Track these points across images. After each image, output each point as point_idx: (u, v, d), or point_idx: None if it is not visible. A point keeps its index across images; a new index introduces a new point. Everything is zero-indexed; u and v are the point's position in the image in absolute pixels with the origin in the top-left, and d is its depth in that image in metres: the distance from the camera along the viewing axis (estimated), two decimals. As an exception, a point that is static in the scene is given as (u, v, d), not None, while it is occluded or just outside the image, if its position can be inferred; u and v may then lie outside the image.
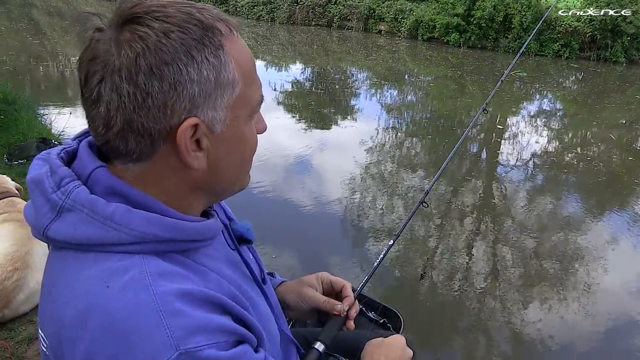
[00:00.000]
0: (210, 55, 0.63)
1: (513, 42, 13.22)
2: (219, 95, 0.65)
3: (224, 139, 0.68)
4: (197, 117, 0.64)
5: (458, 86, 10.09)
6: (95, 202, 0.63)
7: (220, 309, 0.65)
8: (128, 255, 0.63)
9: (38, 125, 5.00)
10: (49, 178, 0.65)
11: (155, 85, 0.60)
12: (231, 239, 0.84)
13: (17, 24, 14.22)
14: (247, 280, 0.81)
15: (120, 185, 0.65)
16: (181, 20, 0.62)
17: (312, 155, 5.70)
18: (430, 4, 14.55)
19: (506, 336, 2.99)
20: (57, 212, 0.63)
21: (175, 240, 0.66)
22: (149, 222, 0.63)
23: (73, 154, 0.71)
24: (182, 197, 0.70)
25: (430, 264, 3.70)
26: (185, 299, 0.60)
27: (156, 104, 0.61)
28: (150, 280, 0.60)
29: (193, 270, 0.67)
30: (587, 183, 5.53)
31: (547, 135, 7.31)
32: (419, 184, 5.15)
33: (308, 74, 10.91)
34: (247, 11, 18.18)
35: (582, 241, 4.10)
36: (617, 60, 12.37)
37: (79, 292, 0.61)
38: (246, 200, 4.37)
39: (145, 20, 0.61)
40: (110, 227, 0.62)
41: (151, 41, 0.60)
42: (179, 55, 0.60)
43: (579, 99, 9.77)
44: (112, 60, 0.60)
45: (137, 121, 0.61)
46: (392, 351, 1.02)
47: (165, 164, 0.66)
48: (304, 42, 14.74)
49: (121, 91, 0.59)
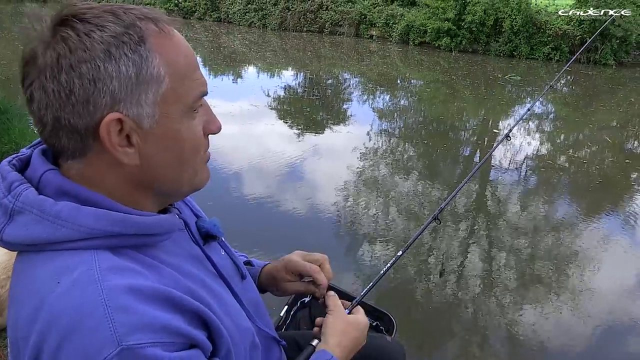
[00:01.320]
0: (129, 51, 0.64)
1: (504, 46, 13.32)
2: (142, 91, 0.65)
3: (155, 135, 0.68)
4: (119, 113, 0.64)
5: (450, 90, 10.14)
6: (43, 202, 0.64)
7: (171, 306, 0.64)
8: (79, 251, 0.63)
9: (30, 134, 4.96)
10: (0, 184, 0.67)
11: (76, 82, 0.62)
12: (195, 236, 0.83)
13: (8, 33, 14.16)
14: (212, 276, 0.80)
15: (67, 185, 0.67)
16: (102, 20, 0.64)
17: (305, 161, 5.70)
18: (421, 9, 14.63)
19: (501, 339, 2.99)
20: (9, 216, 0.65)
21: (126, 235, 0.66)
22: (96, 218, 0.64)
23: (27, 162, 0.72)
24: (127, 194, 0.70)
25: (423, 268, 3.71)
26: (133, 294, 0.60)
27: (79, 100, 0.62)
28: (99, 275, 0.60)
29: (146, 265, 0.67)
30: (581, 185, 5.56)
31: (539, 138, 7.35)
32: (413, 188, 5.16)
33: (300, 80, 10.93)
34: (239, 18, 18.21)
35: (578, 243, 4.13)
36: (606, 63, 12.49)
37: (31, 291, 0.62)
38: (241, 206, 4.37)
39: (70, 22, 0.63)
40: (59, 224, 0.63)
41: (71, 41, 0.62)
42: (97, 53, 0.62)
43: (571, 102, 9.84)
44: (39, 62, 0.63)
45: (64, 118, 0.63)
46: (351, 331, 1.00)
47: (101, 161, 0.67)
48: (296, 48, 14.77)
49: (47, 90, 0.62)
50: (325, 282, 1.08)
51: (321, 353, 0.94)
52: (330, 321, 1.01)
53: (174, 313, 0.64)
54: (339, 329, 0.99)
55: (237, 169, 5.19)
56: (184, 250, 0.78)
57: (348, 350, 0.98)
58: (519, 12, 12.91)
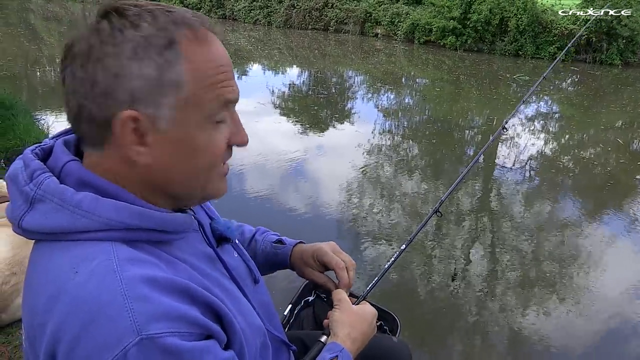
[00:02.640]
0: (156, 54, 0.65)
1: (509, 45, 13.28)
2: (162, 94, 0.66)
3: (170, 138, 0.68)
4: (136, 111, 0.65)
5: (455, 89, 10.12)
6: (63, 191, 0.65)
7: (188, 298, 0.64)
8: (97, 242, 0.64)
9: (35, 130, 4.99)
10: (23, 172, 0.68)
11: (100, 73, 0.64)
12: (209, 237, 0.83)
13: (14, 29, 14.21)
14: (224, 277, 0.80)
15: (89, 176, 0.68)
16: (139, 19, 0.65)
17: (311, 159, 5.71)
18: (427, 8, 14.61)
19: (504, 338, 2.98)
20: (30, 203, 0.66)
21: (143, 229, 0.67)
22: (117, 209, 0.65)
23: (50, 152, 0.73)
24: (140, 191, 0.71)
25: (427, 267, 3.71)
26: (151, 284, 0.61)
27: (101, 91, 0.64)
28: (118, 266, 0.61)
29: (162, 259, 0.68)
30: (586, 185, 5.54)
31: (544, 138, 7.33)
32: (417, 187, 5.15)
33: (306, 78, 10.93)
34: (244, 15, 18.21)
35: (583, 244, 4.11)
36: (612, 63, 12.43)
37: (49, 280, 0.63)
38: (245, 203, 4.38)
39: (110, 15, 0.65)
40: (78, 214, 0.64)
41: (104, 34, 0.64)
42: (124, 50, 0.64)
43: (577, 102, 9.80)
44: (75, 49, 0.66)
45: (86, 106, 0.65)
46: (359, 322, 1.00)
47: (116, 155, 0.68)
48: (302, 45, 14.76)
49: (76, 76, 0.65)
50: (346, 280, 1.09)
51: (332, 345, 0.94)
52: (337, 314, 1.00)
53: (190, 304, 0.64)
54: (347, 321, 0.99)
55: (242, 166, 5.19)
56: (197, 250, 0.78)
57: (359, 341, 0.98)
58: (525, 11, 12.87)
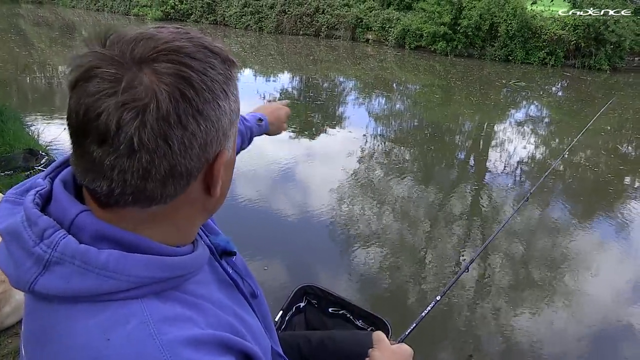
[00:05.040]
0: (234, 87, 0.64)
1: (499, 50, 13.39)
2: (234, 123, 0.66)
3: (230, 162, 0.69)
4: (225, 148, 0.64)
5: (446, 94, 10.18)
6: (86, 253, 0.58)
7: (226, 349, 0.64)
8: (125, 302, 0.59)
9: (25, 137, 4.96)
10: (28, 229, 0.60)
11: (201, 124, 0.58)
12: (220, 261, 0.83)
13: (4, 35, 14.14)
14: (236, 298, 0.80)
15: (107, 229, 0.61)
16: (205, 55, 0.60)
17: (300, 164, 5.71)
18: (417, 13, 14.70)
19: (496, 343, 3.00)
20: (44, 267, 0.59)
21: (172, 278, 0.64)
22: (147, 266, 0.60)
23: (47, 196, 0.66)
24: (190, 226, 0.70)
25: (419, 272, 3.72)
26: (192, 346, 0.59)
27: (201, 143, 0.60)
28: (155, 329, 0.57)
29: (191, 306, 0.65)
30: (575, 189, 5.59)
31: (534, 142, 7.39)
32: (407, 191, 5.17)
33: (297, 83, 10.94)
34: (235, 21, 18.24)
35: (572, 247, 4.14)
36: (601, 68, 12.56)
37: (76, 347, 0.57)
38: (235, 209, 4.36)
39: (172, 56, 0.57)
40: (106, 276, 0.58)
41: (194, 80, 0.57)
42: (217, 92, 0.60)
43: (565, 106, 9.89)
44: (154, 105, 0.55)
45: (181, 164, 0.59)
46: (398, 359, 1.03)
47: (187, 198, 0.64)
48: (293, 51, 14.80)
49: (170, 137, 0.56)
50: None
51: None
52: (377, 354, 1.03)
53: (230, 355, 0.64)
54: (386, 359, 1.02)
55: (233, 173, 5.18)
56: (209, 275, 0.77)
57: None
58: (515, 16, 12.99)
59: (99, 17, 21.62)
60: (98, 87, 0.54)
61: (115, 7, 22.86)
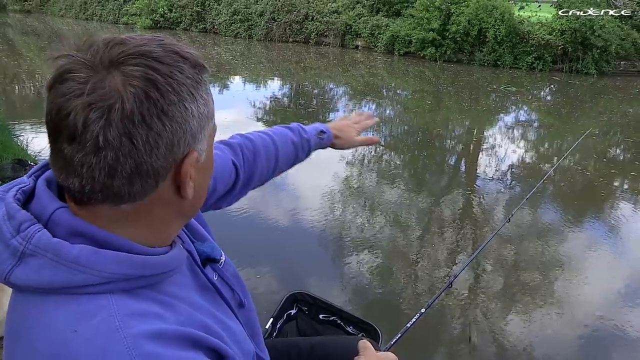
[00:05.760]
0: (204, 91, 0.66)
1: (488, 56, 13.50)
2: (205, 127, 0.67)
3: (203, 165, 0.71)
4: (195, 150, 0.66)
5: (435, 100, 10.23)
6: (58, 246, 0.60)
7: (193, 345, 0.64)
8: (95, 296, 0.61)
9: (13, 147, 4.92)
10: (7, 222, 0.63)
11: (167, 125, 0.60)
12: (199, 265, 0.83)
13: (-9, 44, 14.06)
14: (217, 303, 0.80)
15: (82, 226, 0.63)
16: (174, 60, 0.63)
17: (291, 172, 5.70)
18: (406, 19, 14.80)
19: (488, 346, 3.00)
20: (19, 258, 0.61)
21: (145, 276, 0.65)
22: (118, 262, 0.62)
23: (31, 193, 0.68)
24: (165, 228, 0.71)
25: (410, 278, 3.72)
26: (157, 339, 0.60)
27: (167, 142, 0.61)
28: (120, 323, 0.59)
29: (163, 304, 0.66)
30: (565, 193, 5.62)
31: (524, 146, 7.43)
32: (398, 197, 5.18)
33: (287, 90, 10.96)
34: (225, 29, 18.26)
35: (562, 250, 4.16)
36: (588, 72, 12.70)
37: (45, 338, 0.59)
38: (226, 217, 4.35)
39: (139, 60, 0.60)
40: (76, 270, 0.60)
41: (160, 84, 0.60)
42: (184, 95, 0.62)
43: (554, 110, 9.97)
44: (119, 105, 0.57)
45: (147, 162, 0.61)
46: None
47: (158, 199, 0.66)
48: (282, 58, 14.82)
49: (134, 136, 0.58)
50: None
51: None
52: None
53: (197, 351, 0.64)
54: None
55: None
56: (190, 280, 0.77)
57: None
58: (502, 22, 13.11)
59: (88, 26, 21.57)
60: (69, 88, 0.58)
61: (104, 15, 22.83)
